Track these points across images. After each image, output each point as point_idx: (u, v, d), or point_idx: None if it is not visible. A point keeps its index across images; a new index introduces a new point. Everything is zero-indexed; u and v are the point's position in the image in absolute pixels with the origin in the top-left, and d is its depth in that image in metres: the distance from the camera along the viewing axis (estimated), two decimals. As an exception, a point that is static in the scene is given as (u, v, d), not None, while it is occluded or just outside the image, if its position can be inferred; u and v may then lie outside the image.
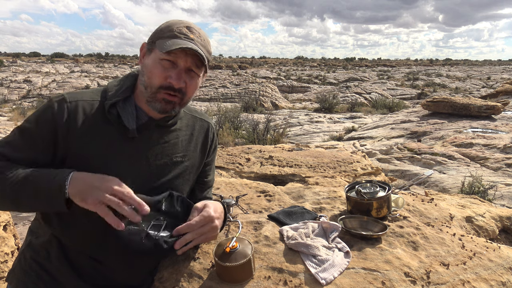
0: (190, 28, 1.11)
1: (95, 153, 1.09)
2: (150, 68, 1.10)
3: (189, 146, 1.27)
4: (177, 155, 1.23)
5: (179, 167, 1.23)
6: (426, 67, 69.49)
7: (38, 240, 1.18)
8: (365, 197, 1.62)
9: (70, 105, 1.10)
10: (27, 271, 1.18)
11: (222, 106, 14.22)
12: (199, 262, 1.31)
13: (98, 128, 1.11)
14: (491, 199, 4.97)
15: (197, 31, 1.13)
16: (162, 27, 1.13)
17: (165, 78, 1.09)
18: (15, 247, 2.22)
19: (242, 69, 46.65)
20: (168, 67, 1.09)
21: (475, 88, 31.39)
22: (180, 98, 1.14)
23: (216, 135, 1.43)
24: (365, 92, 24.09)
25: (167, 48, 1.05)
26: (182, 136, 1.26)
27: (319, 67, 64.15)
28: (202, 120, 1.35)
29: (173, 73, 1.09)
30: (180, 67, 1.10)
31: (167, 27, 1.11)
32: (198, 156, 1.31)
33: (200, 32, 1.14)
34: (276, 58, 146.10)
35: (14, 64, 38.17)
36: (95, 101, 1.14)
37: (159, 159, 1.18)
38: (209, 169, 1.41)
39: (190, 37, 1.09)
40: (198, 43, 1.11)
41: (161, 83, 1.09)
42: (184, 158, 1.25)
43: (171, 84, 1.09)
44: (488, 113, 11.46)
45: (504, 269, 1.40)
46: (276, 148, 3.82)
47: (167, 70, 1.09)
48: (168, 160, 1.21)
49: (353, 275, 1.26)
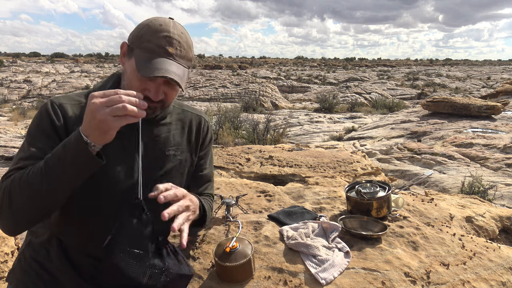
0: (169, 38, 1.06)
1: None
2: (129, 77, 1.09)
3: (181, 139, 1.26)
4: (170, 149, 1.23)
5: (173, 161, 1.23)
6: (426, 67, 69.49)
7: (38, 240, 1.18)
8: (365, 197, 1.62)
9: (60, 107, 1.10)
10: (27, 270, 1.18)
11: (222, 106, 14.22)
12: (199, 262, 1.31)
13: None
14: (491, 199, 4.97)
15: (177, 39, 1.07)
16: (142, 33, 1.07)
17: (142, 91, 1.06)
18: (15, 247, 2.22)
19: (242, 69, 46.65)
20: (145, 80, 1.06)
21: (475, 88, 31.39)
22: (161, 105, 1.13)
23: (211, 129, 1.40)
24: (365, 92, 24.09)
25: (144, 73, 1.01)
26: (173, 130, 1.25)
27: (319, 67, 64.15)
28: (193, 114, 1.33)
29: (152, 87, 1.07)
30: (158, 81, 1.07)
31: (147, 34, 1.06)
32: (191, 150, 1.30)
33: (180, 40, 1.08)
34: (276, 58, 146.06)
35: (14, 64, 38.19)
36: (82, 103, 1.14)
37: (151, 153, 1.18)
38: (204, 162, 1.37)
39: (169, 52, 1.05)
40: (178, 57, 1.07)
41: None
42: (177, 152, 1.25)
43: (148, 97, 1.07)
44: (488, 113, 11.46)
45: (504, 269, 1.40)
46: (276, 148, 3.82)
47: (145, 83, 1.06)
48: (161, 154, 1.20)
49: (353, 275, 1.26)
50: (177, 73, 1.04)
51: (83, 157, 0.91)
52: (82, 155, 0.91)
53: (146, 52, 1.05)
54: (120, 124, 0.88)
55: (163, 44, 1.05)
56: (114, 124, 0.88)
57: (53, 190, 0.94)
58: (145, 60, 1.04)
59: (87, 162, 0.92)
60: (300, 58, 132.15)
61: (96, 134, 0.90)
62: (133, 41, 1.09)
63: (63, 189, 0.96)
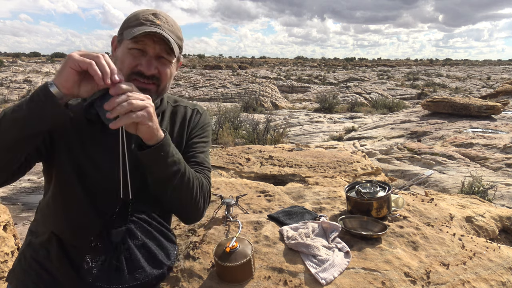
0: (156, 14, 1.10)
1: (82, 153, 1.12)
2: (121, 58, 1.10)
3: (172, 133, 1.26)
4: None
5: None
6: (426, 67, 69.47)
7: (38, 240, 1.19)
8: (365, 197, 1.62)
9: None
10: (27, 270, 1.18)
11: (222, 106, 14.21)
12: (199, 262, 1.31)
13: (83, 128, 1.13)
14: (491, 199, 4.97)
15: (164, 17, 1.12)
16: (129, 17, 1.12)
17: (135, 66, 1.08)
18: (15, 247, 2.22)
19: (242, 69, 46.64)
20: (137, 56, 1.08)
21: (475, 88, 31.38)
22: (156, 85, 1.12)
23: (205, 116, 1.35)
24: (365, 92, 24.09)
25: (133, 34, 1.03)
26: (165, 125, 1.25)
27: (319, 67, 64.12)
28: (187, 108, 1.33)
29: (143, 61, 1.08)
30: (150, 54, 1.09)
31: (134, 16, 1.11)
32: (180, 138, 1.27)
33: (167, 18, 1.12)
34: (276, 58, 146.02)
35: (14, 64, 38.17)
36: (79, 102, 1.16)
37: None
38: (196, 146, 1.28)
39: (157, 23, 1.08)
40: (166, 29, 1.09)
41: (131, 70, 1.08)
42: None
43: (141, 71, 1.08)
44: (488, 113, 11.46)
45: (504, 269, 1.40)
46: (276, 148, 3.82)
47: (137, 58, 1.08)
48: None
49: (353, 275, 1.26)
50: (168, 38, 1.06)
51: (41, 92, 0.91)
52: (40, 90, 0.91)
53: (134, 26, 1.07)
54: (82, 63, 0.88)
55: (151, 18, 1.08)
56: (78, 59, 0.88)
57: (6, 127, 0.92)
58: (134, 29, 1.06)
59: (43, 98, 0.91)
60: (300, 58, 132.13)
61: (59, 72, 0.91)
62: (122, 27, 1.13)
63: (16, 127, 0.92)
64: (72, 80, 0.90)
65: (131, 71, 1.08)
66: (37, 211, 1.26)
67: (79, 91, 0.93)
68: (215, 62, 63.27)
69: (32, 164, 1.10)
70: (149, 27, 1.06)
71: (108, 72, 0.91)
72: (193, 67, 44.50)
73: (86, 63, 0.88)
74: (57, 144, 1.12)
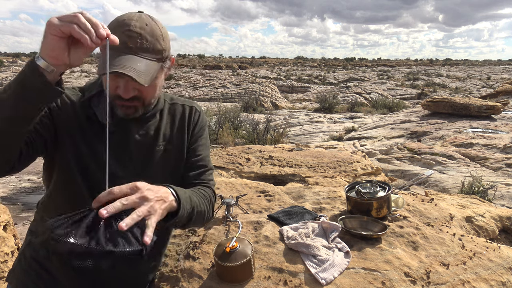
0: (129, 32, 1.01)
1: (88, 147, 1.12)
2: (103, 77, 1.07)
3: (171, 132, 1.25)
4: (160, 144, 1.22)
5: (163, 155, 1.22)
6: (426, 67, 69.46)
7: (38, 239, 1.18)
8: (365, 197, 1.62)
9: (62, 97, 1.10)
10: (27, 270, 1.18)
11: (222, 106, 14.21)
12: (199, 262, 1.31)
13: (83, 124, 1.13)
14: (491, 199, 4.97)
15: (138, 32, 1.02)
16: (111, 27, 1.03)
17: (114, 89, 1.05)
18: (15, 247, 2.22)
19: (242, 69, 46.63)
20: (115, 78, 1.04)
21: (475, 88, 31.38)
22: (140, 102, 1.10)
23: (203, 116, 1.34)
24: (365, 92, 24.08)
25: (99, 72, 0.97)
26: (164, 125, 1.24)
27: (319, 67, 64.11)
28: (184, 106, 1.31)
29: (121, 84, 1.04)
30: (126, 79, 1.03)
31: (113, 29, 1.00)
32: (182, 139, 1.27)
33: (142, 32, 1.03)
34: (276, 58, 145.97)
35: (14, 64, 38.15)
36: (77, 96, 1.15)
37: (141, 150, 1.18)
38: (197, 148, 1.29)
39: (129, 46, 1.00)
40: (140, 51, 1.02)
41: (113, 93, 1.06)
42: (168, 146, 1.24)
43: (120, 95, 1.05)
44: (488, 113, 11.46)
45: (504, 269, 1.40)
46: (276, 148, 3.82)
47: (115, 81, 1.04)
48: (151, 150, 1.20)
49: (353, 275, 1.26)
50: (136, 68, 0.99)
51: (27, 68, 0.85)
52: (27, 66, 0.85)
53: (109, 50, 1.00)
54: (64, 27, 0.79)
55: (122, 40, 0.99)
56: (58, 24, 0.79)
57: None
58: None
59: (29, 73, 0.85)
60: (300, 58, 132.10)
61: (43, 42, 0.82)
62: None
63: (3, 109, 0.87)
64: (58, 48, 0.82)
65: (112, 94, 1.06)
66: (37, 211, 1.26)
67: (70, 60, 0.86)
68: (215, 62, 63.27)
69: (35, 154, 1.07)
70: (119, 58, 0.98)
71: (91, 31, 0.82)
72: (193, 67, 44.48)
73: (67, 27, 0.80)
74: (61, 138, 1.11)
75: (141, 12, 1.09)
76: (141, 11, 1.09)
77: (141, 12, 1.09)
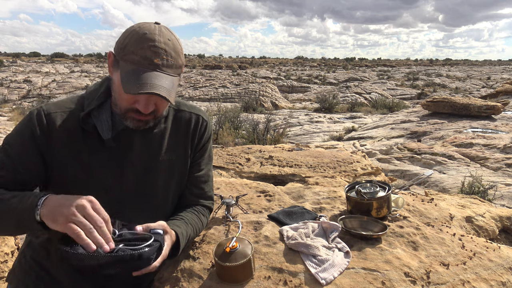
0: (155, 48, 0.99)
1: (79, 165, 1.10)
2: (117, 91, 1.05)
3: (175, 142, 1.23)
4: (163, 155, 1.20)
5: (166, 166, 1.21)
6: (426, 67, 69.47)
7: (38, 240, 1.18)
8: (365, 197, 1.62)
9: (47, 117, 1.08)
10: (27, 270, 1.18)
11: (222, 106, 14.21)
12: (199, 262, 1.31)
13: (78, 139, 1.10)
14: (491, 199, 4.97)
15: (163, 48, 1.00)
16: (125, 43, 1.01)
17: (132, 103, 1.04)
18: (15, 247, 2.22)
19: (242, 69, 46.61)
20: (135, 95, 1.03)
21: (475, 88, 31.38)
22: (154, 116, 1.10)
23: (209, 127, 1.33)
24: (365, 92, 24.09)
25: (128, 90, 0.96)
26: (168, 134, 1.21)
27: (319, 67, 64.11)
28: (191, 114, 1.27)
29: (141, 100, 1.03)
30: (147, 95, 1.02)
31: (130, 45, 0.99)
32: (187, 150, 1.26)
33: (166, 48, 1.00)
34: (276, 58, 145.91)
35: (14, 64, 38.15)
36: (74, 110, 1.11)
37: (144, 162, 1.17)
38: (201, 162, 1.31)
39: (156, 63, 0.99)
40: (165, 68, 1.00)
41: (129, 106, 1.05)
42: (172, 156, 1.22)
43: (139, 109, 1.04)
44: (488, 113, 11.47)
45: (504, 269, 1.40)
46: (276, 148, 3.82)
47: (134, 96, 1.02)
48: (155, 162, 1.18)
49: (353, 275, 1.26)
50: (165, 86, 0.98)
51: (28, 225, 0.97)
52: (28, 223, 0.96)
53: (131, 64, 0.99)
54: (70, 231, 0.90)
55: (149, 56, 0.98)
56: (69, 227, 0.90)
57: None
58: (129, 74, 0.97)
59: (29, 226, 0.97)
60: (300, 58, 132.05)
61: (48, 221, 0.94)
62: (118, 52, 1.03)
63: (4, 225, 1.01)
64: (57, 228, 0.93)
65: (128, 107, 1.05)
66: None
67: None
68: (215, 62, 63.26)
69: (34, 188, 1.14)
70: (147, 75, 0.97)
71: (102, 243, 0.92)
72: (193, 67, 44.48)
73: (74, 234, 0.90)
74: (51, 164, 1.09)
75: (158, 23, 1.05)
76: (157, 23, 1.05)
77: (158, 23, 1.05)
